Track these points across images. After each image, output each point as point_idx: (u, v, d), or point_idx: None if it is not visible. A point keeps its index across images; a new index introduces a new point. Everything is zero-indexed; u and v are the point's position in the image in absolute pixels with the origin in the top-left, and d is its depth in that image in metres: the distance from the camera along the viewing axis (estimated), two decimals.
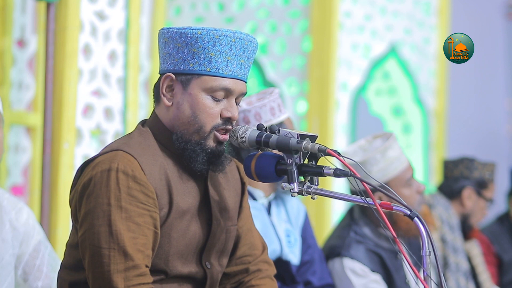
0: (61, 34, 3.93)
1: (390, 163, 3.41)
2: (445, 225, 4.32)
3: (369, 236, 3.45)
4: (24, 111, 4.07)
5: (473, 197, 4.49)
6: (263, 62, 5.20)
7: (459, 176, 4.51)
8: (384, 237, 3.46)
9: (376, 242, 3.45)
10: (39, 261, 2.77)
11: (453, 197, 4.48)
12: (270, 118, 3.17)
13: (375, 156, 3.39)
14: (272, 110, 3.18)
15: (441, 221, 4.32)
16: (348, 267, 3.38)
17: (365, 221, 3.47)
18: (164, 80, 2.37)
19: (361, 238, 3.44)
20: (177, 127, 2.35)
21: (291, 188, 2.27)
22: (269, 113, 3.17)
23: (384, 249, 3.46)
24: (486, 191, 4.52)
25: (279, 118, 3.19)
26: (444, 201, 4.41)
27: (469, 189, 4.48)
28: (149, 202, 2.26)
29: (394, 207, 2.20)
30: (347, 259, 3.38)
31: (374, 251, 3.43)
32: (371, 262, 3.40)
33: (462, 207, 4.49)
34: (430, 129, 5.97)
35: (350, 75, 5.25)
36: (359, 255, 3.40)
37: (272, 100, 3.18)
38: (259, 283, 2.52)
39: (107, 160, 2.27)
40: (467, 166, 4.52)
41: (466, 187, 4.47)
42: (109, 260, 2.21)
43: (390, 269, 3.44)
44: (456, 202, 4.48)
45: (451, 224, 4.35)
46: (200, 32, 2.32)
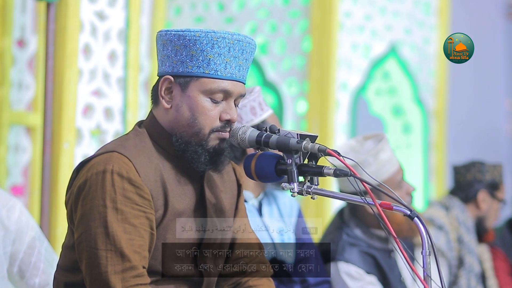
0: (61, 34, 3.93)
1: (382, 165, 3.41)
2: (462, 226, 4.42)
3: (361, 238, 3.44)
4: (24, 111, 4.07)
5: (487, 200, 4.58)
6: (263, 62, 5.20)
7: (473, 180, 4.59)
8: (376, 237, 3.46)
9: (368, 243, 3.44)
10: (35, 258, 2.77)
11: (468, 201, 4.57)
12: (252, 118, 3.13)
13: (368, 159, 3.38)
14: (252, 109, 3.14)
15: (458, 222, 4.42)
16: (344, 271, 3.37)
17: (356, 222, 3.46)
18: (162, 82, 2.36)
19: (354, 240, 3.43)
20: (176, 129, 2.35)
21: (291, 188, 2.27)
22: (250, 113, 3.13)
23: (377, 249, 3.46)
24: (498, 192, 4.61)
25: (261, 116, 3.14)
26: (460, 203, 4.50)
27: (484, 192, 4.57)
28: (144, 203, 2.27)
29: (394, 207, 2.20)
30: (342, 263, 3.37)
31: (368, 252, 3.43)
32: (365, 264, 3.40)
33: (477, 210, 4.57)
34: (430, 129, 5.97)
35: (350, 75, 5.25)
36: (354, 258, 3.39)
37: (252, 100, 3.13)
38: (256, 284, 2.52)
39: (102, 161, 2.28)
40: (479, 169, 4.60)
41: (480, 190, 4.55)
42: (106, 261, 2.21)
43: (385, 269, 3.44)
44: (471, 205, 4.57)
45: (467, 226, 4.42)
46: (199, 34, 2.31)
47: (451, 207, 4.46)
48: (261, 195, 3.27)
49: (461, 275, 4.35)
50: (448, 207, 4.46)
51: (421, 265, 2.18)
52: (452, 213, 4.43)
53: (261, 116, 3.15)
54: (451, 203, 4.48)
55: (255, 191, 3.24)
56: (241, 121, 3.09)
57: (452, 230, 4.38)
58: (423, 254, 2.18)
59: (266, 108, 3.19)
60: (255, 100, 3.15)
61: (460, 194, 4.56)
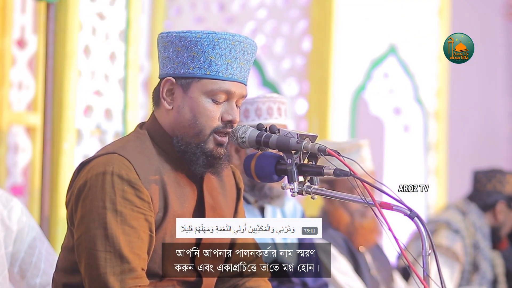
0: (61, 34, 3.93)
1: (362, 161, 3.52)
2: (478, 232, 4.48)
3: None
4: (24, 111, 4.07)
5: (505, 211, 4.66)
6: (263, 62, 5.20)
7: (493, 191, 4.66)
8: None
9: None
10: (36, 258, 2.77)
11: (486, 209, 4.64)
12: (266, 117, 3.14)
13: (351, 149, 3.52)
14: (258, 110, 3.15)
15: (474, 228, 4.49)
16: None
17: None
18: (164, 84, 2.37)
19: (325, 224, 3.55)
20: (177, 131, 2.35)
21: (291, 188, 2.27)
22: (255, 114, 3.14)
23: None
24: None
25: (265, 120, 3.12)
26: (477, 209, 4.56)
27: (502, 203, 4.65)
28: (144, 205, 2.27)
29: (394, 207, 2.20)
30: None
31: (340, 236, 3.57)
32: (337, 245, 3.54)
33: (494, 220, 4.65)
34: (430, 129, 5.97)
35: (350, 75, 5.25)
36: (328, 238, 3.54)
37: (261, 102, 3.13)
38: (253, 286, 2.52)
39: (102, 163, 2.28)
40: (500, 180, 4.68)
41: (499, 201, 4.61)
42: (105, 263, 2.22)
43: (356, 255, 3.57)
44: (488, 214, 4.64)
45: (484, 232, 4.48)
46: (200, 35, 2.32)
47: (468, 212, 4.54)
48: None
49: (474, 279, 4.41)
50: (465, 212, 4.53)
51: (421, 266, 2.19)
52: (469, 218, 4.49)
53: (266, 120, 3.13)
54: (468, 209, 4.55)
55: None
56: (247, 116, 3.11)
57: (468, 235, 4.44)
58: (423, 254, 2.18)
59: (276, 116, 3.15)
60: (264, 104, 3.13)
61: (479, 202, 4.64)
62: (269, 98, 3.15)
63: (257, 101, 3.14)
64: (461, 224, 4.43)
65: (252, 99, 3.12)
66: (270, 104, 3.15)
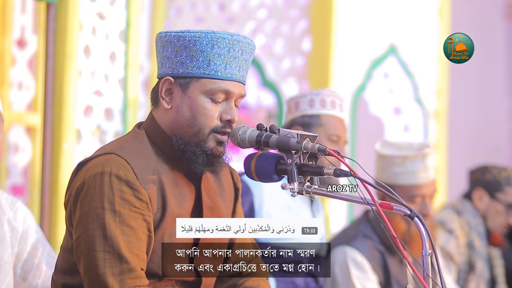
0: (61, 34, 3.93)
1: (426, 170, 3.54)
2: (473, 231, 4.40)
3: (378, 233, 3.51)
4: (24, 111, 4.07)
5: (485, 199, 4.51)
6: (263, 62, 5.20)
7: (473, 181, 4.58)
8: None
9: (382, 239, 3.50)
10: (38, 260, 2.77)
11: (466, 199, 4.55)
12: (306, 108, 3.34)
13: (416, 157, 3.48)
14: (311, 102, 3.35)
15: (469, 227, 4.41)
16: (350, 256, 3.42)
17: (378, 222, 3.52)
18: (163, 83, 2.37)
19: (369, 233, 3.50)
20: (176, 130, 2.35)
21: (291, 188, 2.27)
22: (307, 104, 3.34)
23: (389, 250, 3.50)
24: (502, 194, 4.52)
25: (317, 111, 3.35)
26: (472, 208, 4.47)
27: (480, 190, 4.50)
28: (142, 206, 2.27)
29: (394, 207, 2.20)
30: (351, 249, 3.43)
31: (378, 249, 3.47)
32: (372, 259, 3.45)
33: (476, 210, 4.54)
34: (430, 129, 5.97)
35: (350, 75, 5.24)
36: (363, 248, 3.46)
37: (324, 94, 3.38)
38: (252, 285, 2.52)
39: (100, 163, 2.28)
40: (481, 170, 4.57)
41: (476, 188, 4.50)
42: (104, 263, 2.22)
43: (390, 271, 3.48)
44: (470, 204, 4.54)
45: (479, 231, 4.40)
46: (198, 35, 2.32)
47: (463, 211, 4.45)
48: None
49: (470, 279, 4.34)
50: (460, 212, 4.45)
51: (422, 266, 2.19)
52: (464, 218, 4.42)
53: (318, 111, 3.35)
54: (463, 208, 4.47)
55: None
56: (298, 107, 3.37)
57: (463, 235, 4.36)
58: (423, 254, 2.18)
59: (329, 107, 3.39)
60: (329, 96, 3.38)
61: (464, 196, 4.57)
62: (333, 92, 3.43)
63: (322, 92, 3.39)
64: (455, 224, 4.37)
65: (317, 91, 3.42)
66: (333, 99, 3.39)
